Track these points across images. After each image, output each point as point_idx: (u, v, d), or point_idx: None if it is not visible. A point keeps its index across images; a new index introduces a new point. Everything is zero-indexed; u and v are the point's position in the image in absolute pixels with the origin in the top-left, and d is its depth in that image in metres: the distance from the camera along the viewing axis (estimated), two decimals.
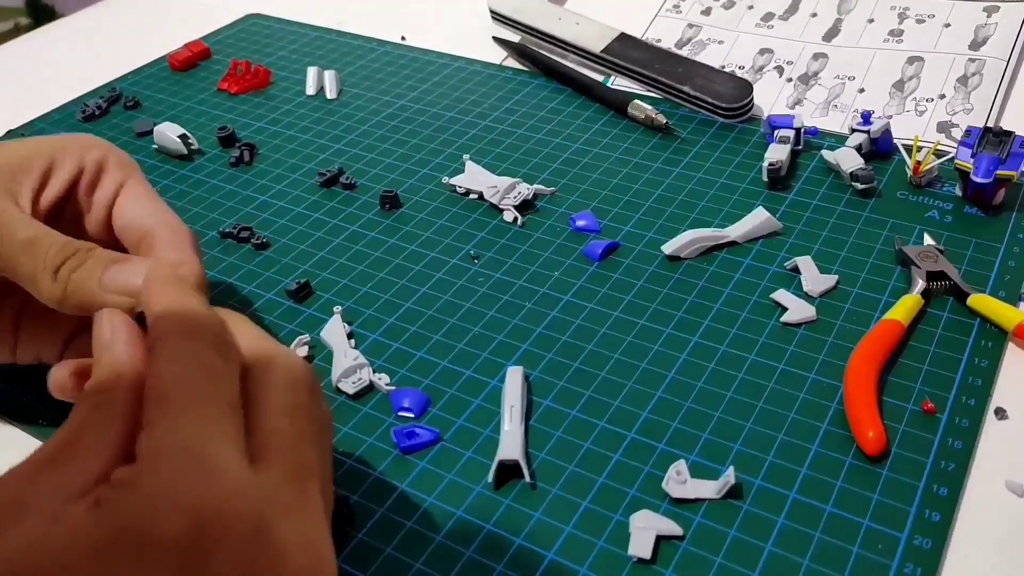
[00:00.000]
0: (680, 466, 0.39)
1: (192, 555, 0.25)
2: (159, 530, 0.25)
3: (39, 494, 0.27)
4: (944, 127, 0.61)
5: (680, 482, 0.39)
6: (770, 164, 0.56)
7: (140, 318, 0.33)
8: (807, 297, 0.49)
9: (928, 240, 0.51)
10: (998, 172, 0.52)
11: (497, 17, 0.77)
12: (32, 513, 0.26)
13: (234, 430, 0.28)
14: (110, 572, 0.25)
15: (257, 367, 0.31)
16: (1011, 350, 0.45)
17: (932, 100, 0.64)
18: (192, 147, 0.66)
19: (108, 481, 0.27)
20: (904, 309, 0.46)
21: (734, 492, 0.39)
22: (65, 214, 0.43)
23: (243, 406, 0.30)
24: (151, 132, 0.67)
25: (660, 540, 0.37)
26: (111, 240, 0.43)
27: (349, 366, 0.46)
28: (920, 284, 0.48)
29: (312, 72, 0.74)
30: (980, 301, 0.47)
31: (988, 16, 0.69)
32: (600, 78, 0.71)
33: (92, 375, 0.31)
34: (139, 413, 0.29)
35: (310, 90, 0.73)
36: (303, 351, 0.47)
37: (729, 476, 0.38)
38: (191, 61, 0.78)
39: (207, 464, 0.26)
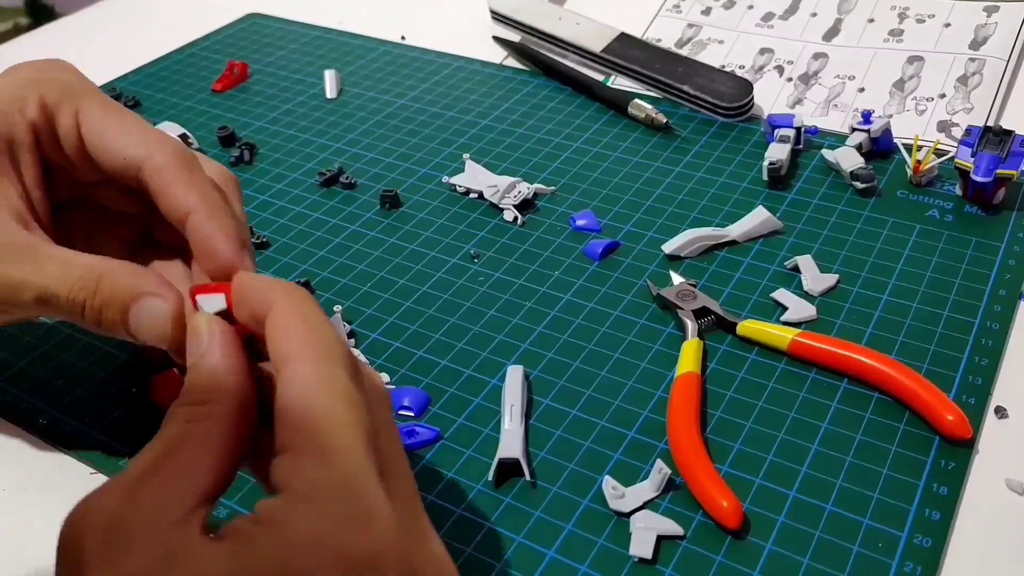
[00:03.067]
0: (612, 482, 0.39)
1: None
2: (313, 572, 0.24)
3: (141, 518, 0.25)
4: (944, 126, 0.61)
5: (619, 496, 0.39)
6: (770, 163, 0.56)
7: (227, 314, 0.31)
8: (807, 296, 0.49)
9: (677, 278, 0.50)
10: (998, 171, 0.52)
11: (497, 17, 0.77)
12: (138, 542, 0.25)
13: (375, 464, 0.26)
14: None
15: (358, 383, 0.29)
16: (1012, 350, 0.45)
17: (932, 99, 0.64)
18: (192, 147, 0.66)
19: (250, 516, 0.25)
20: (691, 358, 0.44)
21: (671, 484, 0.39)
22: (57, 178, 0.38)
23: None
24: None
25: (661, 540, 0.37)
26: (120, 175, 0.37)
27: None
28: (692, 327, 0.46)
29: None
30: (748, 328, 0.46)
31: (988, 16, 0.69)
32: (600, 78, 0.71)
33: (186, 382, 0.29)
34: (244, 432, 0.28)
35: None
36: None
37: (661, 469, 0.38)
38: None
39: (363, 506, 0.25)
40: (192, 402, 0.28)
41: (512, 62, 0.75)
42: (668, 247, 0.52)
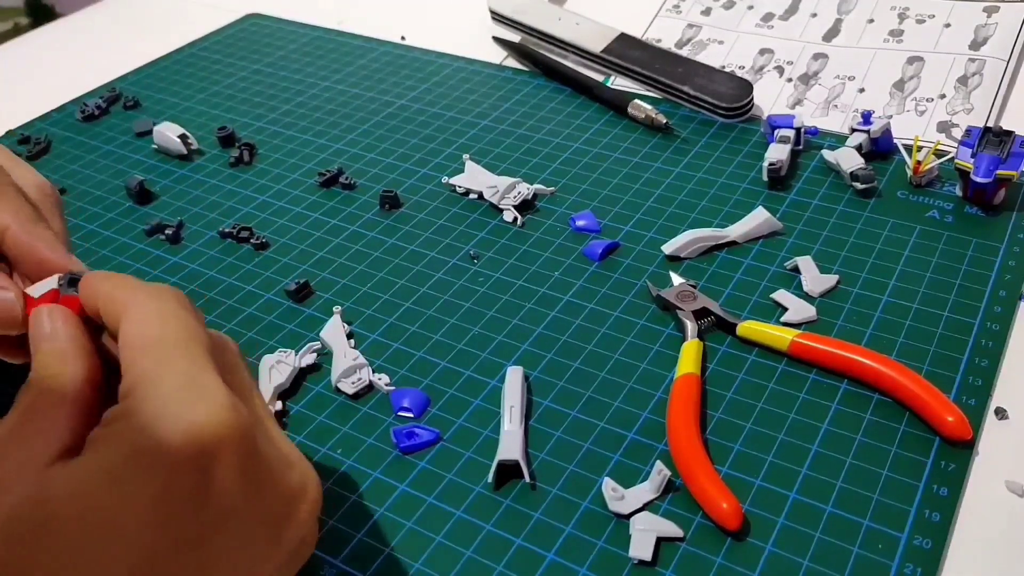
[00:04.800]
0: (611, 484, 0.39)
1: (197, 466, 0.27)
2: (165, 446, 0.27)
3: (10, 466, 0.28)
4: (944, 127, 0.61)
5: (618, 498, 0.39)
6: (770, 164, 0.56)
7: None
8: (807, 297, 0.49)
9: (677, 279, 0.50)
10: (998, 172, 0.52)
11: (497, 17, 0.77)
12: (10, 483, 0.27)
13: (216, 370, 0.30)
14: (128, 493, 0.26)
15: None
16: (1011, 351, 0.45)
17: (932, 100, 0.63)
18: (192, 147, 0.66)
19: (99, 423, 0.29)
20: (691, 359, 0.44)
21: (671, 486, 0.39)
22: None
23: None
24: (151, 132, 0.67)
25: (660, 541, 0.37)
26: None
27: (349, 366, 0.46)
28: (692, 328, 0.46)
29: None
30: (748, 329, 0.46)
31: (988, 16, 0.69)
32: (600, 78, 0.71)
33: (33, 364, 0.32)
34: (91, 395, 0.31)
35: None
36: (311, 358, 0.47)
37: (661, 470, 0.38)
38: None
39: (201, 388, 0.28)
40: (42, 376, 0.31)
41: (512, 62, 0.75)
42: (668, 248, 0.52)
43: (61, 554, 0.26)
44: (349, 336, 0.49)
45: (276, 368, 0.46)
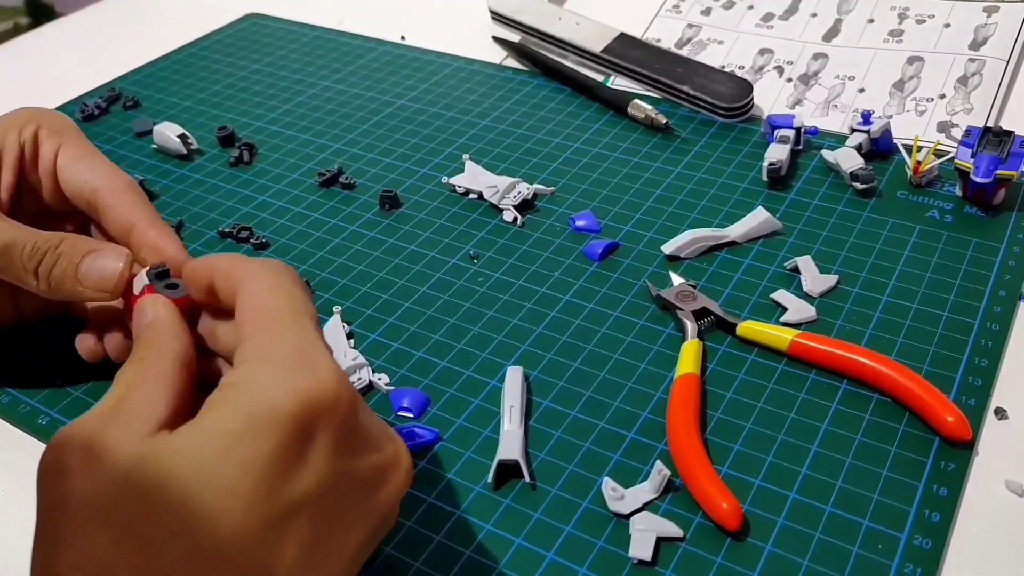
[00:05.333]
0: (611, 484, 0.39)
1: (306, 431, 0.29)
2: (278, 410, 0.29)
3: (115, 435, 0.29)
4: (944, 127, 0.61)
5: (618, 498, 0.39)
6: (770, 164, 0.56)
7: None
8: (807, 297, 0.49)
9: (676, 279, 0.50)
10: (998, 172, 0.52)
11: (497, 17, 0.77)
12: (113, 451, 0.29)
13: (325, 343, 0.32)
14: (243, 453, 0.28)
15: None
16: (1011, 351, 0.45)
17: (932, 100, 0.63)
18: (191, 147, 0.66)
19: (217, 387, 0.30)
20: (691, 359, 0.44)
21: (671, 486, 0.39)
22: (24, 194, 0.45)
23: None
24: (151, 132, 0.67)
25: (660, 541, 0.37)
26: (71, 207, 0.45)
27: (348, 366, 0.46)
28: (692, 328, 0.46)
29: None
30: (747, 329, 0.46)
31: (988, 16, 0.69)
32: (600, 78, 0.71)
33: (135, 345, 0.35)
34: (188, 375, 0.33)
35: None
36: None
37: (660, 470, 0.38)
38: None
39: (313, 362, 0.30)
40: (142, 356, 0.33)
41: (512, 62, 0.75)
42: (668, 248, 0.52)
43: (173, 514, 0.27)
44: (349, 336, 0.49)
45: None
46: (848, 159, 0.57)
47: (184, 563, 0.27)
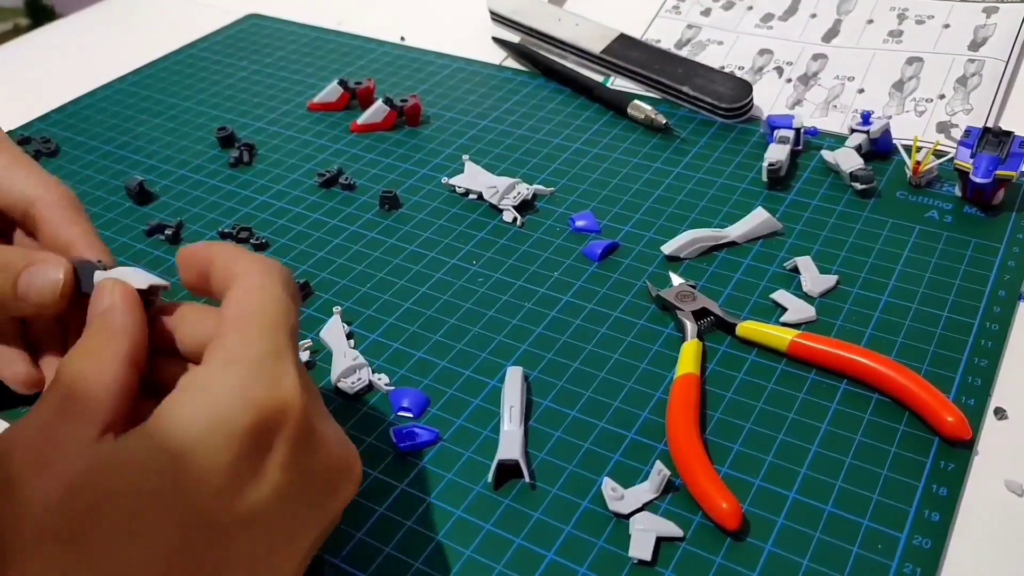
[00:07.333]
0: (611, 484, 0.39)
1: (263, 441, 0.29)
2: (236, 423, 0.29)
3: (61, 447, 0.29)
4: (944, 127, 0.61)
5: (618, 498, 0.39)
6: (770, 164, 0.56)
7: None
8: (807, 297, 0.49)
9: (676, 279, 0.50)
10: (997, 172, 0.52)
11: (497, 17, 0.77)
12: (65, 461, 0.28)
13: (294, 355, 0.32)
14: (200, 460, 0.28)
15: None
16: (1011, 351, 0.45)
17: (932, 100, 0.64)
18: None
19: (172, 392, 0.30)
20: (691, 359, 0.44)
21: (670, 485, 0.39)
22: None
23: None
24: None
25: (660, 541, 0.37)
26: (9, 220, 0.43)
27: (348, 366, 0.46)
28: (692, 328, 0.46)
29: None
30: (747, 329, 0.46)
31: (988, 16, 0.69)
32: (600, 78, 0.71)
33: (85, 331, 0.33)
34: (137, 373, 0.32)
35: None
36: (304, 355, 0.47)
37: (660, 470, 0.38)
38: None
39: (277, 371, 0.31)
40: (90, 350, 0.32)
41: (512, 63, 0.75)
42: (667, 248, 0.52)
43: (124, 527, 0.27)
44: (349, 336, 0.49)
45: None
46: (848, 159, 0.57)
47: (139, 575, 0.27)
